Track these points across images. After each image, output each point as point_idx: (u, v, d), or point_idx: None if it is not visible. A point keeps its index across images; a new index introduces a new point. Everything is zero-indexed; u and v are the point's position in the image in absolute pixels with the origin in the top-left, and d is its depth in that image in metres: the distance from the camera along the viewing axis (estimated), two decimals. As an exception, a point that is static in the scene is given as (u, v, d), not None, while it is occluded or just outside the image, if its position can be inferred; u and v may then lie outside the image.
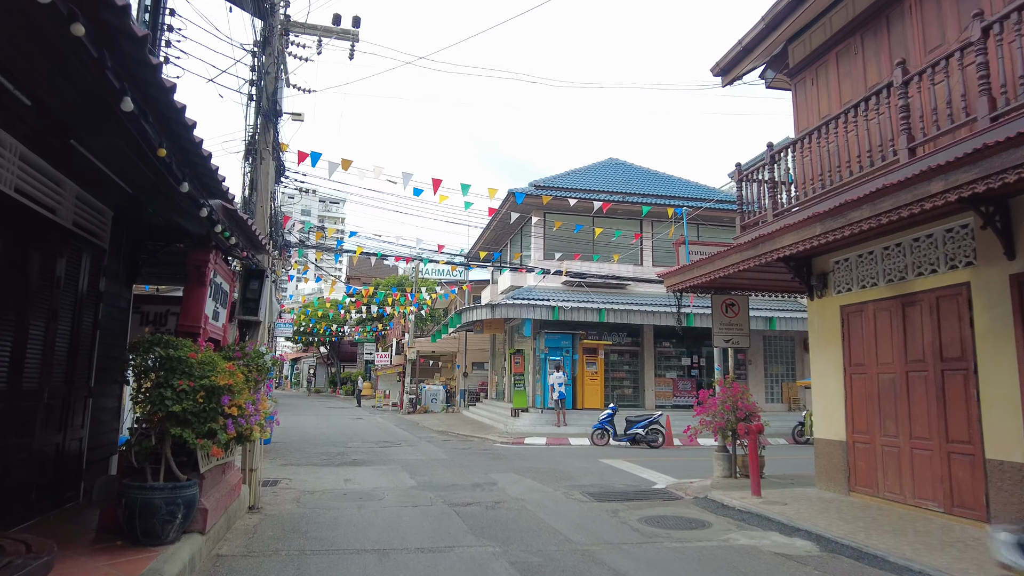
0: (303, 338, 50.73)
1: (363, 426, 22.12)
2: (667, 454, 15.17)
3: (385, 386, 38.64)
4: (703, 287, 10.52)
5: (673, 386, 21.73)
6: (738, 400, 10.04)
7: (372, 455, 13.82)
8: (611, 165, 24.81)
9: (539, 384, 19.78)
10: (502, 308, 18.42)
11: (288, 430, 19.91)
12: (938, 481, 7.04)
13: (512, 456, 13.95)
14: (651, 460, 13.63)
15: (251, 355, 7.41)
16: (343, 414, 28.83)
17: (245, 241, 6.82)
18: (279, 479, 10.45)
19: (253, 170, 8.49)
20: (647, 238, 21.93)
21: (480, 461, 13.03)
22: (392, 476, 10.84)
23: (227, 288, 7.03)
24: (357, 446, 15.62)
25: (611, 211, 21.09)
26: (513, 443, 16.57)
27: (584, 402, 19.29)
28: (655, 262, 21.81)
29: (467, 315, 19.65)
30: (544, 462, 12.95)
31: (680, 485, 10.19)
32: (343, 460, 12.90)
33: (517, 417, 19.44)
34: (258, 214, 8.45)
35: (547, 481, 10.48)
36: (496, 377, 27.66)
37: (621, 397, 20.77)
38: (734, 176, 10.22)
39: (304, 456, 13.55)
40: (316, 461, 12.79)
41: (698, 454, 15.14)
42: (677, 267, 10.26)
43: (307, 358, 71.87)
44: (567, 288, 20.47)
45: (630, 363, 21.49)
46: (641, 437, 16.27)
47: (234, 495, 6.87)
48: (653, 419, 16.34)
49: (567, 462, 13.01)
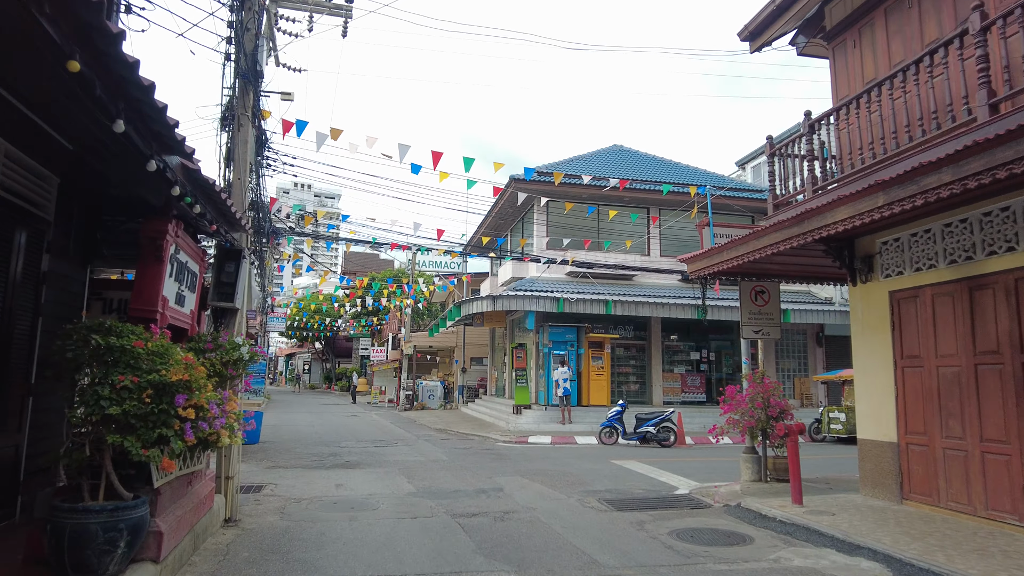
0: (297, 333, 49.70)
1: (358, 424, 21.16)
2: (681, 454, 14.24)
3: (381, 382, 37.67)
4: (730, 273, 9.57)
5: (682, 382, 20.82)
6: (770, 396, 9.12)
7: (367, 456, 12.86)
8: (616, 152, 23.84)
9: (542, 380, 18.84)
10: (504, 300, 17.46)
11: (279, 428, 18.94)
12: (1019, 491, 6.11)
13: (516, 457, 13.01)
14: (666, 461, 12.70)
15: (225, 346, 6.45)
16: (337, 411, 27.86)
17: (215, 213, 5.83)
18: (264, 484, 9.49)
19: (231, 139, 7.50)
20: (655, 227, 20.98)
21: (483, 463, 12.08)
22: (388, 480, 9.88)
23: (195, 269, 6.05)
24: (351, 446, 14.66)
25: (617, 199, 20.15)
26: (516, 442, 15.64)
27: (590, 398, 18.36)
28: (663, 252, 20.87)
29: (467, 307, 18.69)
30: (551, 463, 12.02)
31: (705, 490, 9.26)
32: (335, 462, 11.94)
33: (519, 414, 18.50)
34: (235, 187, 7.46)
35: (558, 486, 9.54)
36: (496, 373, 26.72)
37: (627, 393, 19.86)
38: (765, 150, 9.25)
39: (294, 457, 12.59)
40: (306, 463, 11.83)
41: (715, 454, 14.24)
42: (702, 251, 9.31)
43: (302, 353, 70.86)
44: (571, 279, 19.52)
45: (636, 358, 20.56)
46: (652, 436, 15.35)
47: (204, 508, 5.90)
48: (664, 416, 15.42)
49: (576, 463, 12.08)
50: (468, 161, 9.39)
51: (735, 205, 21.04)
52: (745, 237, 8.04)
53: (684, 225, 21.15)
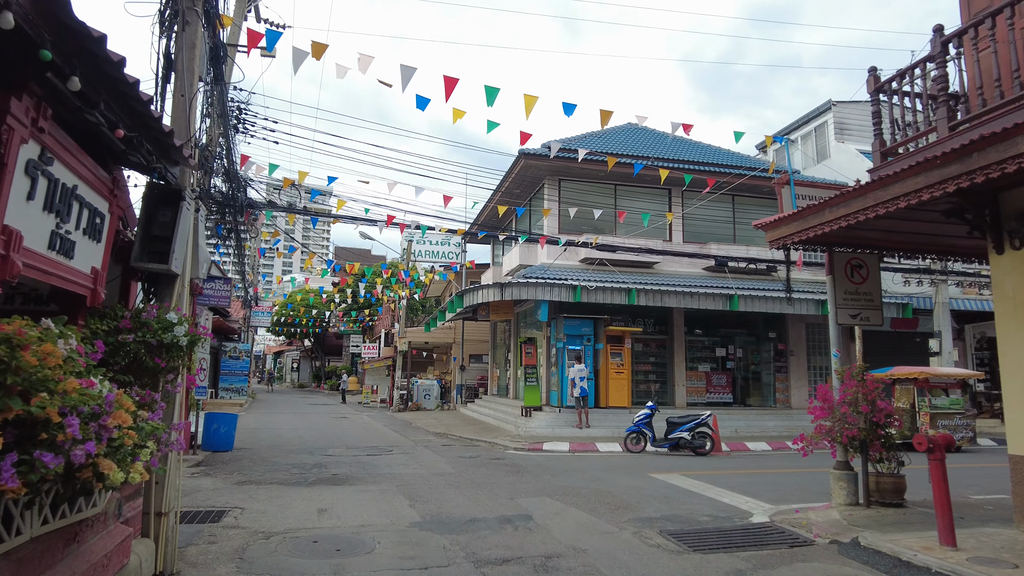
0: (284, 329, 47.47)
1: (348, 427, 19.08)
2: (725, 464, 12.28)
3: (373, 380, 35.56)
4: (818, 242, 7.60)
5: (706, 381, 18.87)
6: (875, 398, 7.17)
7: (357, 468, 10.81)
8: (630, 130, 21.86)
9: (555, 378, 16.82)
10: (513, 288, 15.43)
11: (258, 432, 16.85)
12: None
13: (535, 468, 11.00)
14: (714, 474, 10.73)
15: (152, 325, 4.41)
16: (326, 412, 25.74)
17: (131, 121, 3.79)
18: (227, 508, 7.44)
19: (173, 44, 5.44)
20: (677, 210, 19.01)
21: (497, 476, 10.06)
22: (384, 504, 7.85)
23: (99, 206, 3.99)
24: (339, 454, 12.60)
25: (636, 179, 18.17)
26: (530, 449, 13.62)
27: (608, 399, 16.36)
28: (686, 238, 18.92)
29: (470, 297, 16.64)
30: (580, 478, 10.02)
31: (789, 517, 7.29)
32: (320, 475, 9.88)
33: (529, 417, 16.49)
34: (175, 104, 5.39)
35: (600, 511, 7.55)
36: (498, 371, 24.70)
37: (646, 394, 17.89)
38: (868, 86, 7.27)
39: (271, 469, 10.52)
40: (285, 477, 9.77)
41: (763, 464, 12.27)
42: (787, 213, 7.32)
43: (291, 351, 68.53)
44: (586, 267, 17.52)
45: (657, 355, 18.60)
46: (686, 442, 13.39)
47: (107, 573, 3.85)
48: (700, 420, 13.45)
49: (609, 478, 10.08)
50: (491, 92, 7.36)
51: (763, 187, 19.12)
52: (865, 188, 6.05)
53: (708, 209, 19.22)
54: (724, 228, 19.58)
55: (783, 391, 19.51)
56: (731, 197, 19.69)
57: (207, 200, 12.88)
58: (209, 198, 13.12)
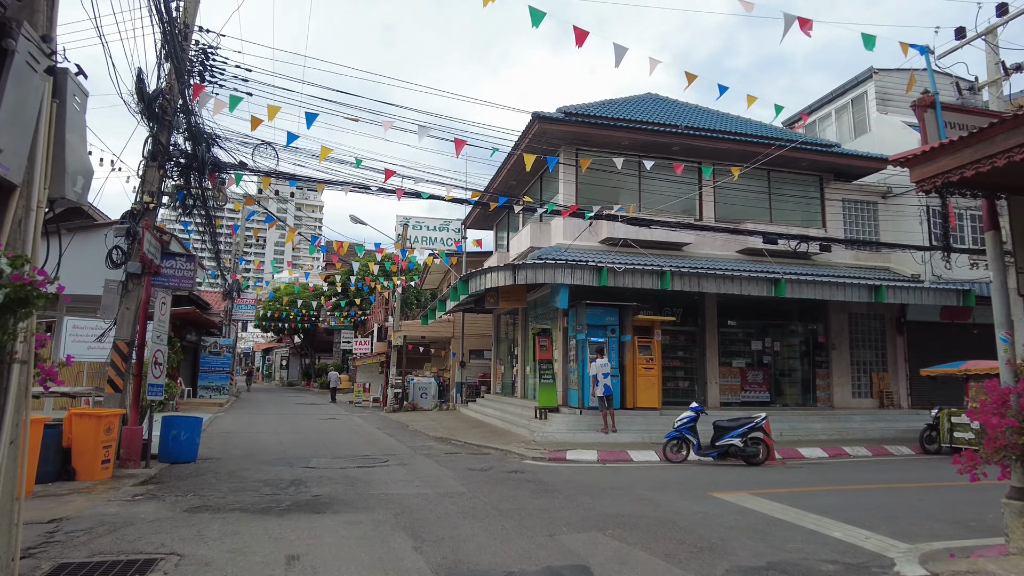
0: (272, 325, 45.13)
1: (336, 430, 16.90)
2: (791, 477, 10.19)
3: (365, 378, 33.34)
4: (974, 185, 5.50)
5: (741, 377, 16.81)
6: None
7: (345, 485, 8.65)
8: (651, 100, 19.72)
9: (574, 375, 14.70)
10: (528, 270, 13.28)
11: (234, 437, 14.65)
12: None
13: (565, 486, 8.88)
14: (791, 492, 8.64)
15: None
16: (313, 412, 23.53)
17: None
18: (159, 556, 5.29)
19: None
20: (707, 186, 16.91)
21: (522, 499, 7.94)
22: (380, 546, 5.70)
23: None
24: (324, 466, 10.45)
25: (662, 149, 16.11)
26: (551, 459, 11.50)
27: (636, 399, 14.25)
28: (718, 216, 16.82)
29: (476, 282, 14.47)
30: (628, 501, 7.91)
31: (953, 569, 5.19)
32: (296, 498, 7.72)
33: (545, 420, 14.37)
34: None
35: (679, 556, 5.44)
36: (502, 367, 22.56)
37: (674, 392, 15.83)
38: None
39: (237, 488, 8.35)
40: (252, 500, 7.61)
41: (837, 476, 10.15)
42: (946, 141, 5.19)
43: (280, 348, 66.14)
44: (608, 249, 15.40)
45: (686, 348, 16.52)
46: (736, 450, 11.31)
47: None
48: (754, 424, 11.37)
49: (665, 501, 7.97)
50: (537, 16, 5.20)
51: (805, 159, 17.07)
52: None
53: (742, 186, 17.13)
54: (759, 207, 17.51)
55: (824, 388, 17.48)
56: (766, 173, 17.62)
57: (164, 157, 10.69)
58: (167, 155, 10.93)
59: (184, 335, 24.05)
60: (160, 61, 10.24)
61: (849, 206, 18.35)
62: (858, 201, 18.47)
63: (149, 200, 10.40)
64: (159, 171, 10.27)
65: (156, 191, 10.53)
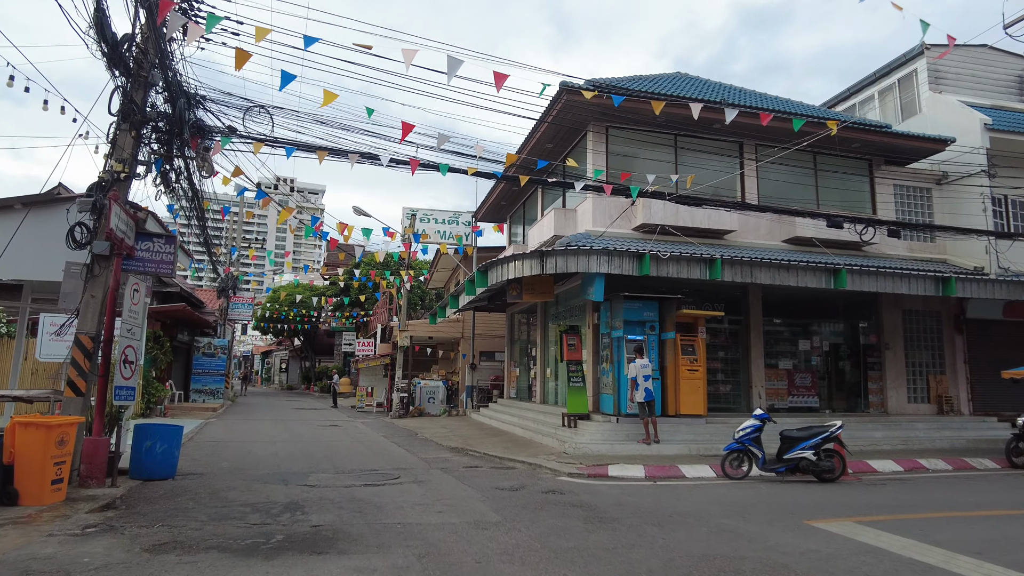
0: (271, 326, 43.49)
1: (338, 439, 15.25)
2: (878, 497, 8.53)
3: (368, 382, 31.71)
4: None
5: (788, 380, 15.16)
6: None
7: (351, 511, 7.01)
8: (680, 79, 18.11)
9: (607, 377, 13.06)
10: (559, 257, 11.62)
11: (223, 447, 13.01)
12: None
13: (621, 513, 7.23)
14: (901, 520, 6.98)
15: None
16: (313, 419, 21.87)
17: None
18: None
19: None
20: (750, 168, 15.30)
21: (575, 532, 6.29)
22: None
23: None
24: (325, 483, 8.82)
25: (699, 126, 14.53)
26: (591, 475, 9.84)
27: (679, 405, 12.58)
28: (762, 198, 15.19)
29: (497, 272, 12.82)
30: (707, 533, 6.26)
31: None
32: (290, 531, 6.08)
33: (574, 428, 12.72)
34: None
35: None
36: (516, 370, 20.92)
37: (714, 397, 14.16)
38: None
39: (217, 515, 6.70)
40: (233, 534, 5.96)
41: (939, 498, 8.41)
42: None
43: (280, 351, 64.46)
44: (644, 236, 13.77)
45: (727, 348, 14.87)
46: (808, 465, 9.67)
47: None
48: (829, 434, 9.73)
49: (756, 533, 6.32)
50: None
51: (857, 139, 15.45)
52: None
53: (786, 169, 15.55)
54: (805, 193, 15.88)
55: (876, 392, 15.84)
56: (812, 156, 16.04)
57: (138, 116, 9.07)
58: (143, 117, 9.32)
59: (175, 334, 22.43)
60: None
61: (901, 192, 16.72)
62: (911, 187, 16.84)
63: (120, 168, 8.80)
64: (130, 133, 8.65)
65: (129, 159, 8.92)
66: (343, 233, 12.72)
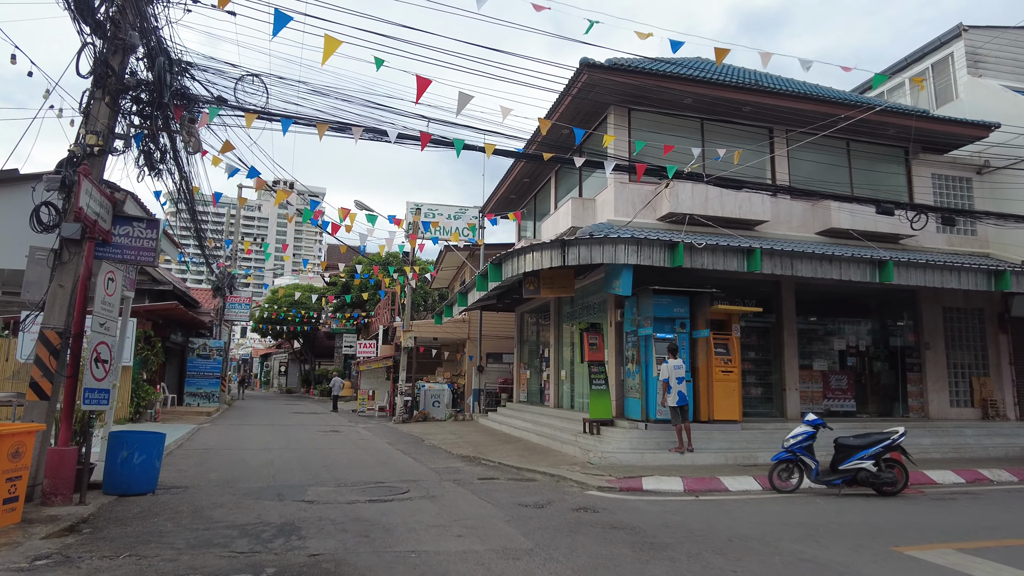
0: (269, 327, 42.43)
1: (339, 446, 14.18)
2: (958, 516, 7.47)
3: (369, 384, 30.62)
4: None
5: (823, 382, 14.07)
6: None
7: (356, 536, 5.94)
8: (701, 63, 17.07)
9: (633, 379, 11.99)
10: (582, 247, 10.55)
11: (212, 455, 11.94)
12: None
13: (672, 537, 6.17)
14: (1001, 545, 5.90)
15: None
16: (312, 423, 20.78)
17: None
18: None
19: None
20: (780, 155, 14.26)
21: (625, 565, 5.23)
22: None
23: None
24: (325, 499, 7.75)
25: (726, 110, 13.56)
26: (621, 488, 8.76)
27: (712, 410, 11.50)
28: (795, 187, 14.13)
29: (512, 264, 11.76)
30: (783, 564, 5.21)
31: None
32: (283, 564, 5.01)
33: (598, 435, 11.66)
34: None
35: None
36: (527, 372, 19.85)
37: (746, 401, 13.05)
38: None
39: (199, 540, 5.63)
40: (215, 568, 4.91)
41: (1005, 512, 7.44)
42: None
43: (279, 354, 63.36)
44: (671, 227, 12.73)
45: (758, 348, 13.80)
46: (867, 476, 8.61)
47: None
48: (891, 442, 8.69)
49: (842, 563, 5.25)
50: None
51: (893, 125, 14.40)
52: None
53: (818, 156, 14.50)
54: (838, 181, 14.83)
55: (917, 396, 14.75)
56: (845, 143, 15.00)
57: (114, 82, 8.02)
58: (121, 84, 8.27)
59: (168, 335, 21.36)
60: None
61: (939, 182, 15.68)
62: (949, 176, 15.79)
63: (94, 141, 7.76)
64: (104, 100, 7.61)
65: (104, 131, 7.88)
66: (344, 220, 11.65)
